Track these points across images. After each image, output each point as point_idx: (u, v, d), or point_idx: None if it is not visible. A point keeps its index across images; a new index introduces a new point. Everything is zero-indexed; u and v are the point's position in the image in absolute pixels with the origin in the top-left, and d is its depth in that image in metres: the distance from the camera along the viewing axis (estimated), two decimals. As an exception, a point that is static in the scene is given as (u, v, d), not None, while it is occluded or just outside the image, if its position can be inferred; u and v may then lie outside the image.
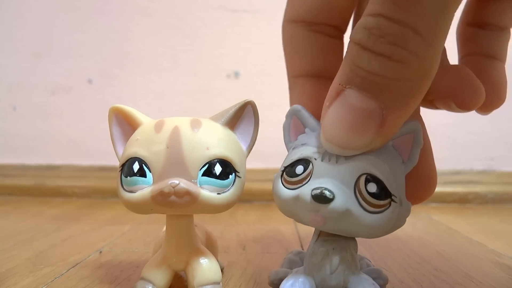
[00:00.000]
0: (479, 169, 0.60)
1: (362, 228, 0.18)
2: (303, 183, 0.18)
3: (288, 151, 0.21)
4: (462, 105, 0.21)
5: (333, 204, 0.17)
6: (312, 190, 0.17)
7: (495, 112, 0.24)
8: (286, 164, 0.20)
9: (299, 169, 0.19)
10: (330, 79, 0.22)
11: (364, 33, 0.15)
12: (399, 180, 0.18)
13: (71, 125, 0.62)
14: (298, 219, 0.19)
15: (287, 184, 0.19)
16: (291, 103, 0.23)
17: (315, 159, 0.18)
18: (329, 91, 0.17)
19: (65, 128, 0.62)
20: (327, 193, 0.17)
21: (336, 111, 0.16)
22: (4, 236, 0.36)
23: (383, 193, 0.18)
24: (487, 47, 0.23)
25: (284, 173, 0.19)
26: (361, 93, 0.16)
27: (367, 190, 0.17)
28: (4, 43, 0.63)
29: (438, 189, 0.58)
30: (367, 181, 0.18)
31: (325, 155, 0.18)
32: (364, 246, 0.32)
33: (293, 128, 0.21)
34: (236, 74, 0.60)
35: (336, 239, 0.19)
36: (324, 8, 0.21)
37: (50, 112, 0.63)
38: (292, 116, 0.21)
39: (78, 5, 0.62)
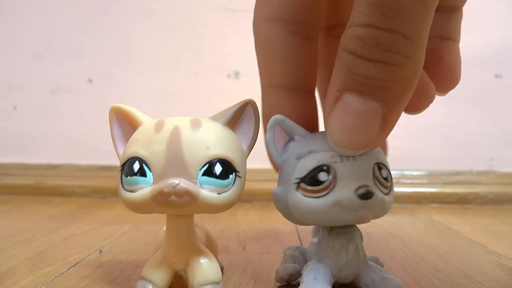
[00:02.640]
0: (479, 170, 0.60)
1: (383, 211, 0.20)
2: (331, 187, 0.19)
3: (280, 164, 0.21)
4: (407, 109, 0.21)
5: (374, 197, 0.18)
6: (356, 190, 0.18)
7: (495, 112, 0.24)
8: (301, 175, 0.19)
9: (323, 175, 0.19)
10: (308, 91, 0.22)
11: (358, 43, 0.16)
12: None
13: (71, 124, 0.62)
14: (331, 223, 0.20)
15: (310, 193, 0.19)
16: (265, 113, 0.23)
17: (335, 162, 0.19)
18: (327, 98, 0.18)
19: (65, 128, 0.62)
20: (370, 189, 0.18)
21: (340, 116, 0.17)
22: (4, 235, 0.36)
23: (389, 175, 0.20)
24: (441, 29, 0.24)
25: (302, 183, 0.19)
26: (362, 97, 0.17)
27: (382, 176, 0.20)
28: (4, 43, 0.63)
29: (438, 189, 0.58)
30: (379, 168, 0.20)
31: (343, 156, 0.19)
32: (364, 246, 0.32)
33: (277, 138, 0.21)
34: (236, 74, 0.60)
35: (348, 231, 0.21)
36: (304, 5, 0.21)
37: (50, 111, 0.63)
38: (275, 127, 0.21)
39: (78, 5, 0.62)
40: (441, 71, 0.23)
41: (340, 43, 0.17)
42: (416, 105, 0.22)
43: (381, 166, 0.20)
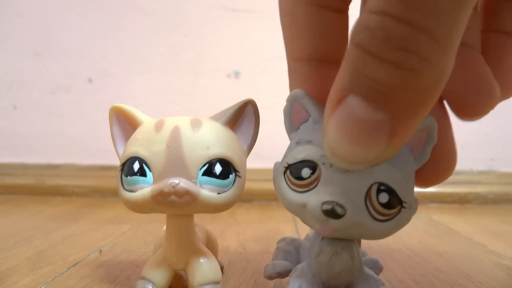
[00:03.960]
0: (479, 170, 0.60)
1: (370, 235, 0.18)
2: (310, 187, 0.18)
3: (290, 139, 0.20)
4: (460, 113, 0.19)
5: (344, 218, 0.17)
6: (322, 204, 0.17)
7: (495, 112, 0.23)
8: (290, 162, 0.18)
9: (305, 172, 0.18)
10: (334, 62, 0.20)
11: (366, 35, 0.13)
12: (410, 182, 0.18)
13: (71, 124, 0.62)
14: (303, 221, 0.19)
15: (292, 185, 0.18)
16: (291, 88, 0.21)
17: (323, 163, 0.17)
18: (329, 94, 0.15)
19: (65, 127, 0.62)
20: (338, 209, 0.16)
21: (340, 122, 0.14)
22: (4, 235, 0.36)
23: (394, 202, 0.17)
24: (510, 23, 0.19)
25: (288, 171, 0.18)
26: (366, 103, 0.14)
27: (378, 201, 0.17)
28: (4, 43, 0.63)
29: (438, 189, 0.58)
30: (378, 191, 0.17)
31: None
32: (364, 246, 0.32)
33: (295, 113, 0.20)
34: (237, 74, 0.60)
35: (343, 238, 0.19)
36: None
37: (51, 111, 0.63)
38: (293, 101, 0.19)
39: (78, 4, 0.62)
40: (501, 75, 0.19)
41: (350, 32, 0.14)
42: (475, 108, 0.18)
43: (383, 188, 0.17)
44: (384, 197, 0.17)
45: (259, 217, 0.46)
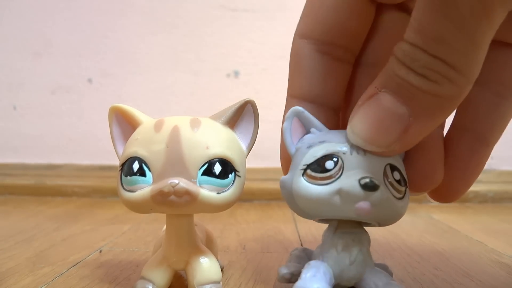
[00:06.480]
0: (479, 168, 0.60)
1: (393, 214, 0.20)
2: (336, 177, 0.19)
3: (292, 153, 0.21)
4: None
5: (379, 191, 0.18)
6: (360, 180, 0.18)
7: None
8: (308, 162, 0.19)
9: (329, 164, 0.19)
10: (328, 108, 0.22)
11: (402, 54, 0.16)
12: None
13: (71, 124, 0.62)
14: (330, 213, 0.19)
15: (314, 180, 0.19)
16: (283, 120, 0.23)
17: (344, 153, 0.19)
18: (363, 94, 0.18)
19: (65, 128, 0.63)
20: (375, 181, 0.18)
21: (368, 109, 0.17)
22: (4, 235, 0.36)
23: (403, 180, 0.20)
24: (481, 119, 0.22)
25: (308, 170, 0.19)
26: (394, 97, 0.17)
27: (394, 178, 0.19)
28: (4, 43, 0.63)
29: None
30: (392, 170, 0.19)
31: (353, 148, 0.19)
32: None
33: (294, 130, 0.21)
34: (236, 74, 0.60)
35: (354, 231, 0.21)
36: (335, 27, 0.20)
37: (50, 111, 0.63)
38: (293, 117, 0.21)
39: (78, 4, 0.62)
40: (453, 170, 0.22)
41: (394, 47, 0.17)
42: (418, 185, 0.21)
43: (394, 168, 0.19)
44: (397, 175, 0.19)
45: (259, 217, 0.46)
